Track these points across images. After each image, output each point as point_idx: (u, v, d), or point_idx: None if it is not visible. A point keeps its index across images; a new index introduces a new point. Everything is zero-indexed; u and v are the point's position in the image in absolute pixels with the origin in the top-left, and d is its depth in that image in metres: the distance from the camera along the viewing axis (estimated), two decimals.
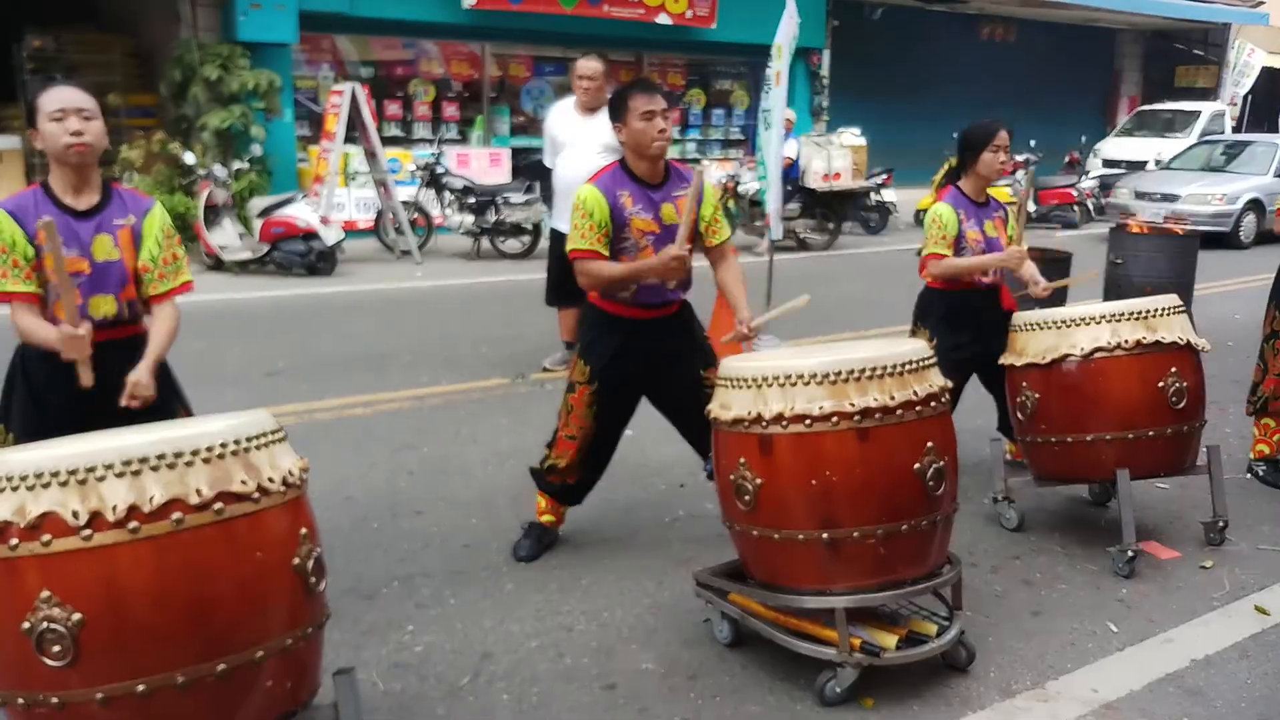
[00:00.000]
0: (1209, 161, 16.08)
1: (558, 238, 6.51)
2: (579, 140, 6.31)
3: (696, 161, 15.24)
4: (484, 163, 15.03)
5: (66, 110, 3.00)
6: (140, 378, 3.00)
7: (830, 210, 13.95)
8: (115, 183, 3.22)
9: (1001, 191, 13.89)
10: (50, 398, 3.09)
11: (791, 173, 13.12)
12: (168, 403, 3.24)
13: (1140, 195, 15.00)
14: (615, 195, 3.78)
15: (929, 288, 4.82)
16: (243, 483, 2.27)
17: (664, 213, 3.82)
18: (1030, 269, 4.75)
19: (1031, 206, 14.58)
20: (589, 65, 6.29)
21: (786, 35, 8.14)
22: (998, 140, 4.54)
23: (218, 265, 11.05)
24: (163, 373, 3.22)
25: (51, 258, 2.83)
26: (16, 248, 2.99)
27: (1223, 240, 14.01)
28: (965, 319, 4.64)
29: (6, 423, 3.19)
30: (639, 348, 3.90)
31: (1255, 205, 14.83)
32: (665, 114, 3.75)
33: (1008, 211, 4.83)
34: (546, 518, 4.20)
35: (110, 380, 3.01)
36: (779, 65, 8.18)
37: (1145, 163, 17.77)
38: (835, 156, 13.76)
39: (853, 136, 14.71)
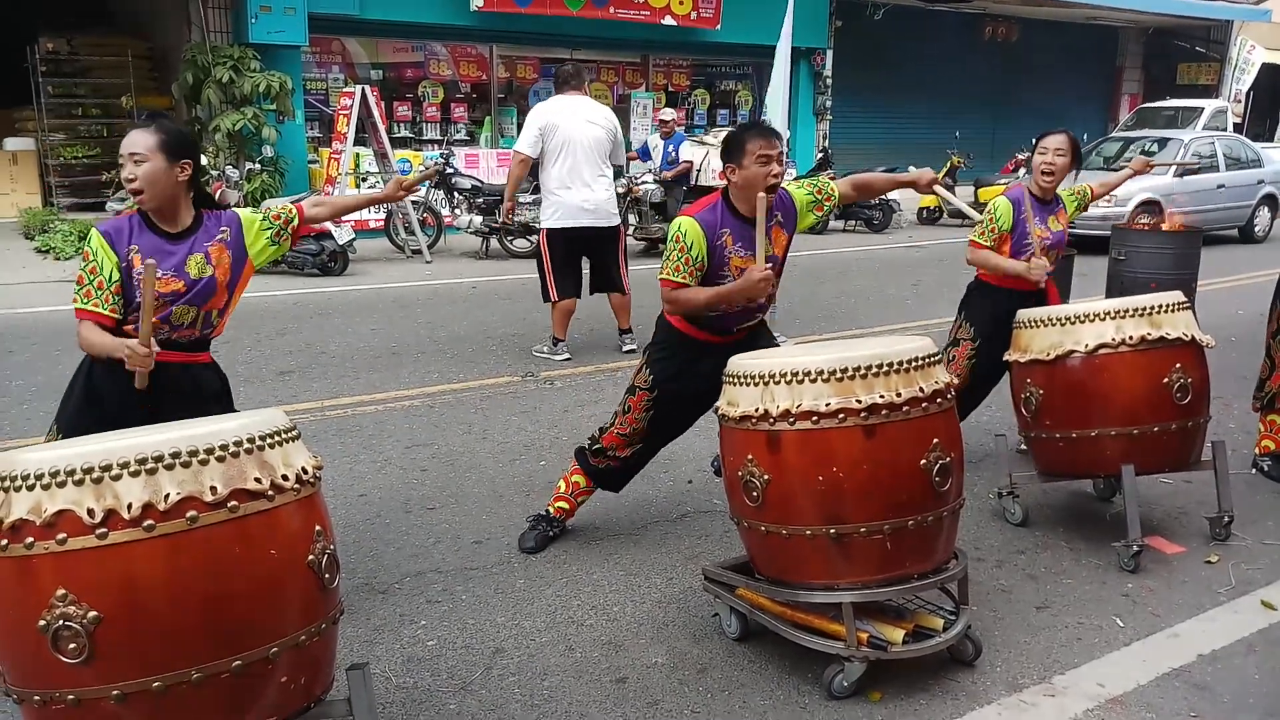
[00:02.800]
0: (1116, 159, 14.88)
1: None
2: None
3: None
4: (492, 163, 15.09)
5: (124, 156, 3.14)
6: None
7: None
8: (206, 209, 3.34)
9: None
10: (106, 396, 3.20)
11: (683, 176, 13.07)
12: (225, 405, 3.40)
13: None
14: (717, 234, 3.76)
15: (979, 279, 4.85)
16: (257, 481, 2.29)
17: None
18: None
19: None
20: None
21: (785, 36, 8.25)
22: (1044, 143, 4.67)
23: None
24: (222, 382, 3.44)
25: (145, 292, 2.94)
26: (103, 270, 3.12)
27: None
28: (1008, 318, 4.51)
29: (59, 422, 3.31)
30: (704, 368, 3.88)
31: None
32: (780, 157, 3.73)
33: (1062, 200, 4.88)
34: (560, 504, 4.24)
35: (167, 394, 3.15)
36: (776, 64, 8.32)
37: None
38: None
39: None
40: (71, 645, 2.14)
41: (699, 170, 13.29)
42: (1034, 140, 4.77)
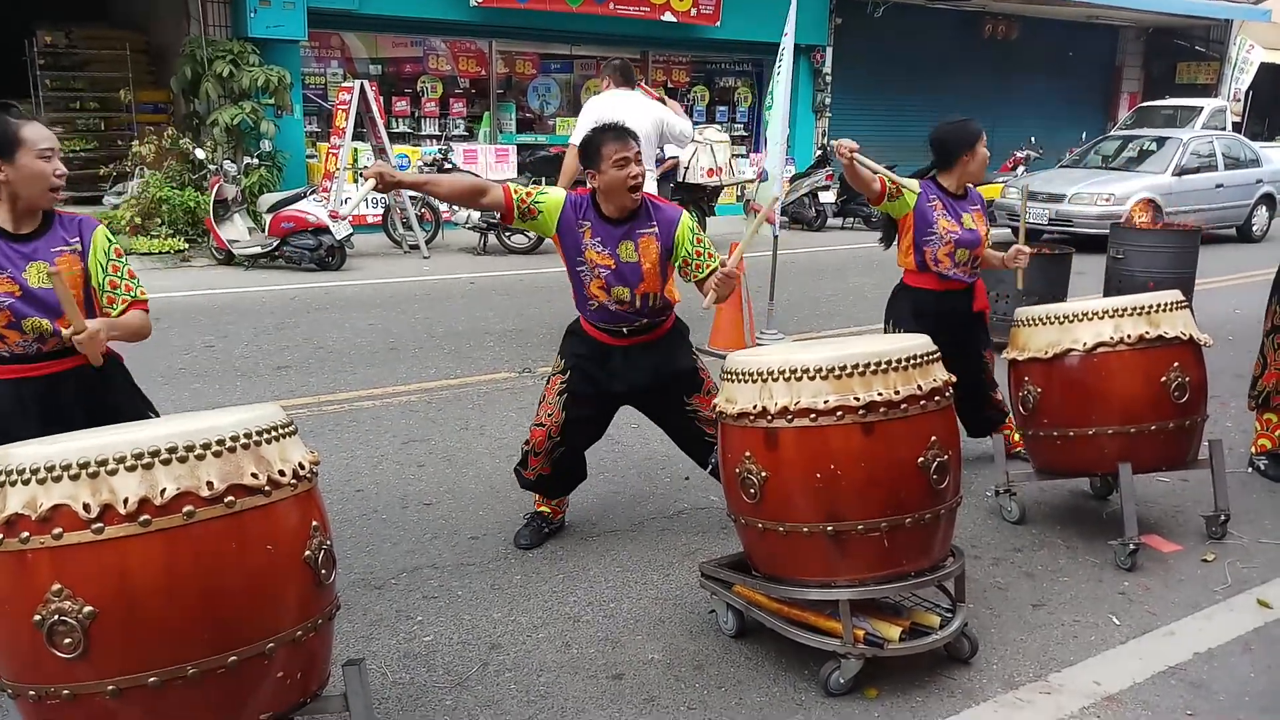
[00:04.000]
0: (1114, 158, 15.26)
1: None
2: None
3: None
4: (490, 158, 15.07)
5: (54, 150, 2.98)
6: (93, 327, 2.88)
7: (705, 203, 13.47)
8: (60, 210, 3.13)
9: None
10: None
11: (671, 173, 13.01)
12: (133, 407, 3.20)
13: (1028, 195, 13.83)
14: (575, 221, 3.81)
15: (903, 282, 4.82)
16: (253, 476, 2.29)
17: (621, 250, 3.80)
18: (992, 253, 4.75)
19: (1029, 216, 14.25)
20: None
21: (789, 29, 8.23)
22: (981, 136, 4.60)
23: (228, 259, 11.12)
24: (123, 376, 3.22)
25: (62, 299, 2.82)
26: None
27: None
28: (932, 318, 4.51)
29: None
30: (609, 364, 3.99)
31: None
32: (638, 157, 3.73)
33: (983, 203, 4.84)
34: (543, 505, 4.25)
35: (64, 407, 3.01)
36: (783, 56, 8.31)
37: None
38: (717, 152, 13.54)
39: (716, 132, 14.52)
40: (67, 640, 2.14)
41: (686, 168, 13.28)
42: (968, 133, 4.62)
